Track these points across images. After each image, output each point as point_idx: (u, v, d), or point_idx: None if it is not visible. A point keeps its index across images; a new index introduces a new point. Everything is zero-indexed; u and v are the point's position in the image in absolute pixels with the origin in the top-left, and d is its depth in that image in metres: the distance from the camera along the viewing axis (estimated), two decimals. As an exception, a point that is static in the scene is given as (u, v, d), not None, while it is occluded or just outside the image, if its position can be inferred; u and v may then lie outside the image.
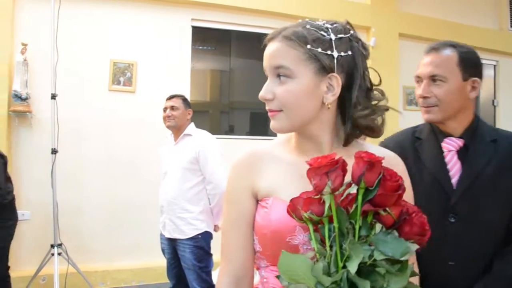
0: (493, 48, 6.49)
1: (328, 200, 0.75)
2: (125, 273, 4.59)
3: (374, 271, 0.71)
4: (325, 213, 0.76)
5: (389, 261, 0.71)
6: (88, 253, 4.44)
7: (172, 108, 3.19)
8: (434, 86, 1.45)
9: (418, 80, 1.52)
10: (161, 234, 3.23)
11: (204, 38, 5.38)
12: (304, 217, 0.78)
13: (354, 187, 0.77)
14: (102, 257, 4.57)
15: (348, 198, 0.76)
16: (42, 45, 4.26)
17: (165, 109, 3.22)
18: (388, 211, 0.74)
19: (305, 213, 0.77)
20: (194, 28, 5.13)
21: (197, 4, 5.02)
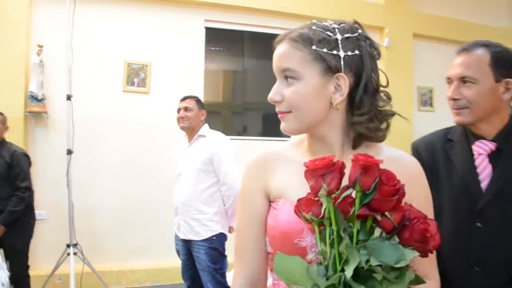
0: (509, 48, 6.39)
1: (325, 202, 0.75)
2: (140, 274, 4.62)
3: (372, 277, 0.70)
4: (321, 215, 0.75)
5: (386, 268, 0.70)
6: (103, 253, 4.48)
7: (186, 109, 3.19)
8: (464, 88, 1.40)
9: (449, 82, 1.47)
10: (176, 235, 3.24)
11: (218, 39, 5.39)
12: (308, 218, 0.78)
13: (352, 190, 0.76)
14: (117, 257, 4.61)
15: (347, 201, 0.75)
16: (58, 47, 4.31)
17: (179, 110, 3.23)
18: (387, 216, 0.73)
19: (307, 214, 0.78)
20: (208, 29, 5.15)
21: (211, 5, 5.04)
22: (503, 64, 1.39)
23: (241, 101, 5.68)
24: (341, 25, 0.98)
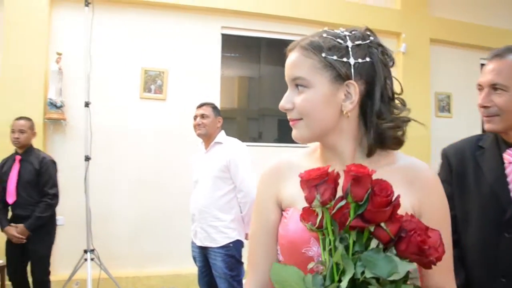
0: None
1: (320, 213, 0.75)
2: (155, 280, 4.63)
3: None
4: (317, 225, 0.75)
5: (384, 280, 0.68)
6: (120, 259, 4.50)
7: (202, 116, 3.20)
8: (495, 95, 1.37)
9: (480, 88, 1.43)
10: (192, 242, 3.24)
11: (234, 45, 5.41)
12: (309, 228, 0.78)
13: (345, 201, 0.75)
14: (133, 263, 4.64)
15: (343, 211, 0.74)
16: (76, 54, 4.37)
17: (195, 117, 3.24)
18: (383, 227, 0.72)
19: (307, 224, 0.78)
20: (224, 36, 5.18)
21: (227, 12, 5.07)
22: None
23: (257, 108, 5.68)
24: (353, 32, 0.97)
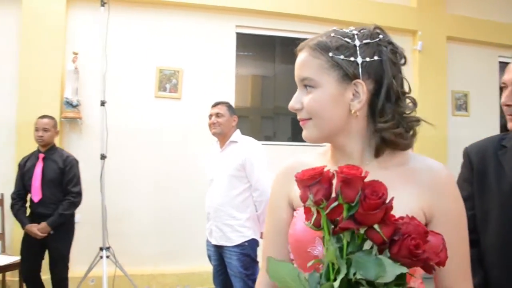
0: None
1: (315, 212, 0.75)
2: (170, 278, 4.66)
3: None
4: (312, 223, 0.76)
5: (379, 283, 0.68)
6: (135, 257, 4.53)
7: (217, 115, 3.20)
8: None
9: (503, 86, 1.41)
10: (207, 241, 3.24)
11: (248, 44, 5.41)
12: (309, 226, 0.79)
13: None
14: (148, 261, 4.67)
15: (337, 212, 0.74)
16: (92, 54, 4.42)
17: (210, 116, 3.24)
18: (377, 229, 0.71)
19: (306, 222, 0.78)
20: (238, 34, 5.18)
21: (242, 11, 5.07)
22: None
23: (271, 106, 5.67)
24: (361, 31, 0.96)
